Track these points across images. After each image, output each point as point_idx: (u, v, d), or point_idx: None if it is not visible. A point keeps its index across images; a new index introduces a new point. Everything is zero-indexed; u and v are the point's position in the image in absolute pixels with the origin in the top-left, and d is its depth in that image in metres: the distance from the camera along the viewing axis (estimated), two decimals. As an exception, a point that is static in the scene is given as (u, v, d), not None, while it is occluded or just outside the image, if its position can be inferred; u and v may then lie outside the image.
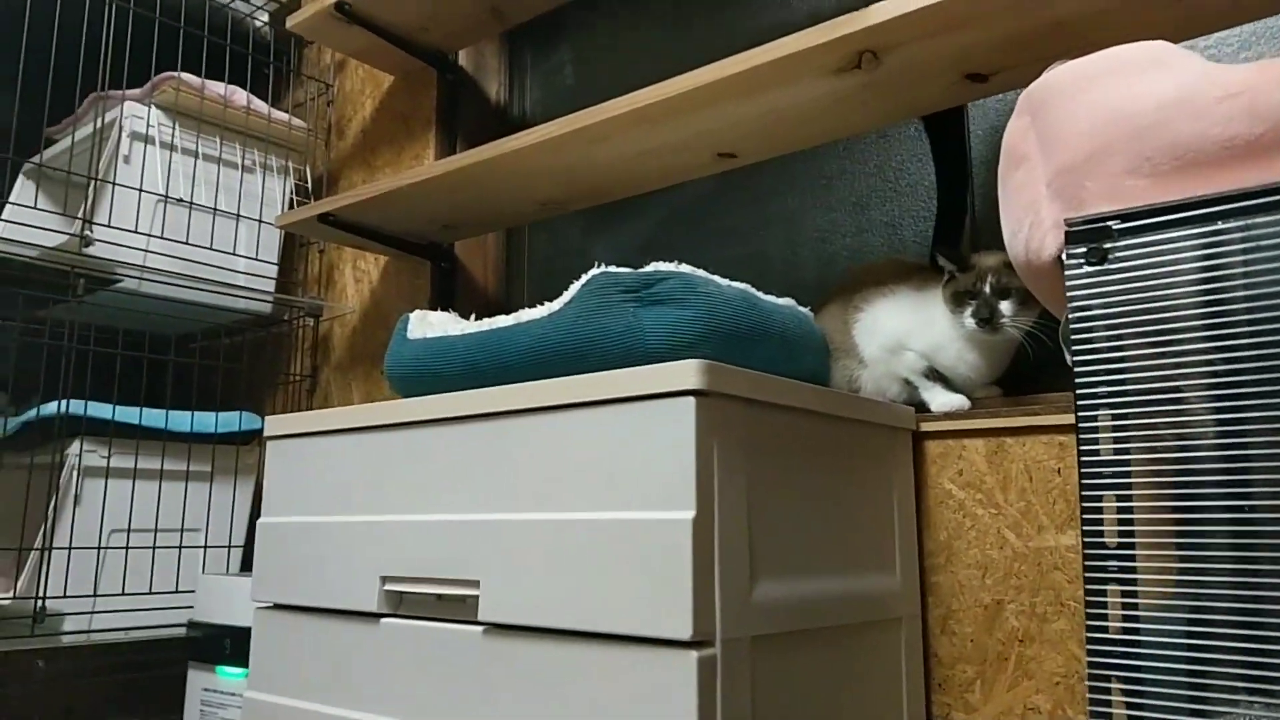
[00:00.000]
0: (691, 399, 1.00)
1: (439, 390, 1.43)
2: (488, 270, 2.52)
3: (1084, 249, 0.75)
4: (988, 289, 1.38)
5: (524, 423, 1.17)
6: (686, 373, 1.01)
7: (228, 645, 1.93)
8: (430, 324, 1.55)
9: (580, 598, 1.04)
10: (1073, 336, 0.72)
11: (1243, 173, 0.72)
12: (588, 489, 1.08)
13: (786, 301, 1.45)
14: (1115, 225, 0.74)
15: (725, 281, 1.34)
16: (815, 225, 1.97)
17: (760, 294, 1.39)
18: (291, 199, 2.68)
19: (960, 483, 1.44)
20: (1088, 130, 0.81)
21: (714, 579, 0.98)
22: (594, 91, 2.44)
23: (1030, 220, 0.90)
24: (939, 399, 1.47)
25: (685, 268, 1.30)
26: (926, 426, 1.47)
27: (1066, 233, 0.76)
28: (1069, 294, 0.75)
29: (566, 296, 1.30)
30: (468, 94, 2.58)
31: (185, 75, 2.36)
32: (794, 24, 1.87)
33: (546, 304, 1.33)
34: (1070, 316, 0.74)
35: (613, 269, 1.28)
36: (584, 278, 1.29)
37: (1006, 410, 1.39)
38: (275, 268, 2.61)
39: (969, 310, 1.39)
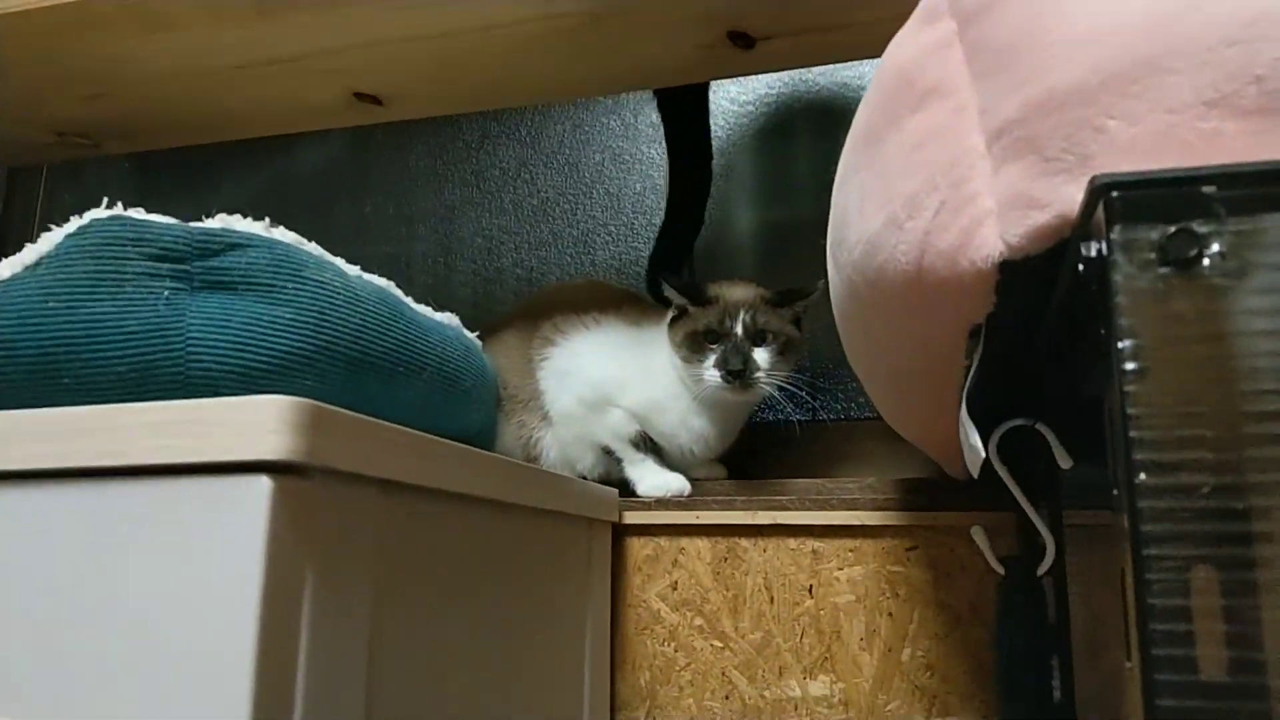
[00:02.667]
0: (265, 480, 0.48)
1: None
2: (-31, 236, 1.72)
3: (1153, 236, 0.37)
4: (739, 330, 1.01)
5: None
6: (259, 419, 0.49)
7: None
8: None
9: None
10: (1131, 399, 0.34)
11: None
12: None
13: (447, 318, 0.97)
14: (1213, 191, 0.37)
15: (353, 269, 0.83)
16: (480, 229, 1.52)
17: (407, 299, 0.90)
18: None
19: (674, 600, 1.04)
20: (1112, 33, 0.45)
21: None
22: None
23: (942, 197, 0.52)
24: (651, 479, 1.07)
25: (283, 233, 0.77)
26: (631, 517, 1.06)
27: (1112, 204, 0.38)
28: (1124, 319, 0.37)
29: (31, 254, 0.70)
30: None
31: None
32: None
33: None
34: (1124, 358, 0.35)
35: (137, 215, 0.71)
36: (74, 223, 0.70)
37: (743, 500, 1.03)
38: None
39: (711, 359, 1.01)
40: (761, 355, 1.01)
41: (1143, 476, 0.33)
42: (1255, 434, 0.34)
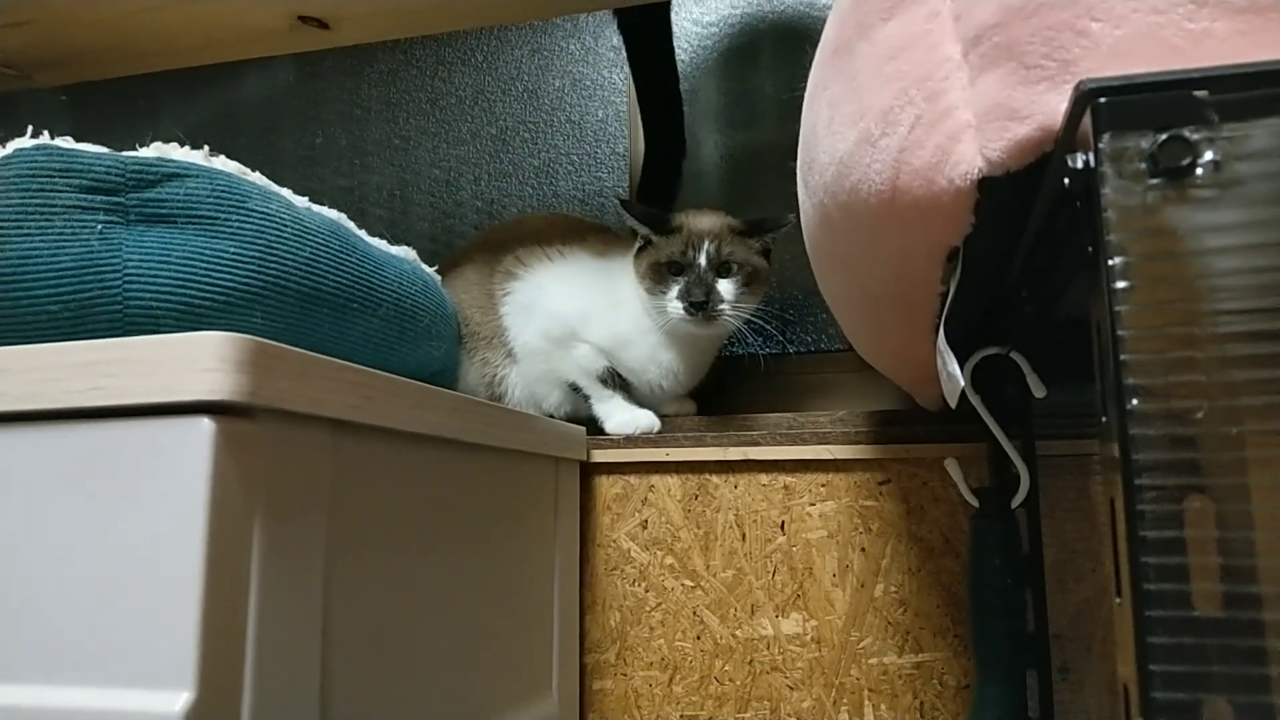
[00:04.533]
0: (205, 422, 0.46)
1: None
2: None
3: (1143, 145, 0.35)
4: (702, 261, 0.99)
5: None
6: (197, 357, 0.46)
7: None
8: None
9: None
10: (1122, 320, 0.32)
11: None
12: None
13: (404, 252, 0.94)
14: (1205, 96, 0.35)
15: (301, 201, 0.79)
16: (437, 160, 1.47)
17: (360, 232, 0.86)
18: None
19: (644, 539, 1.03)
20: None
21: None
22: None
23: (917, 111, 0.50)
24: (619, 415, 1.05)
25: (224, 162, 0.73)
26: (599, 455, 1.04)
27: (1099, 111, 0.36)
28: (1114, 235, 0.35)
29: (-51, 186, 0.65)
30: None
31: None
32: None
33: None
34: (1114, 276, 0.34)
35: (65, 144, 0.67)
36: (-4, 152, 0.66)
37: (713, 436, 1.02)
38: None
39: (675, 290, 0.99)
40: (726, 287, 0.99)
41: (1134, 402, 0.32)
42: (1251, 355, 0.32)
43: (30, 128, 0.69)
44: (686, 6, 1.34)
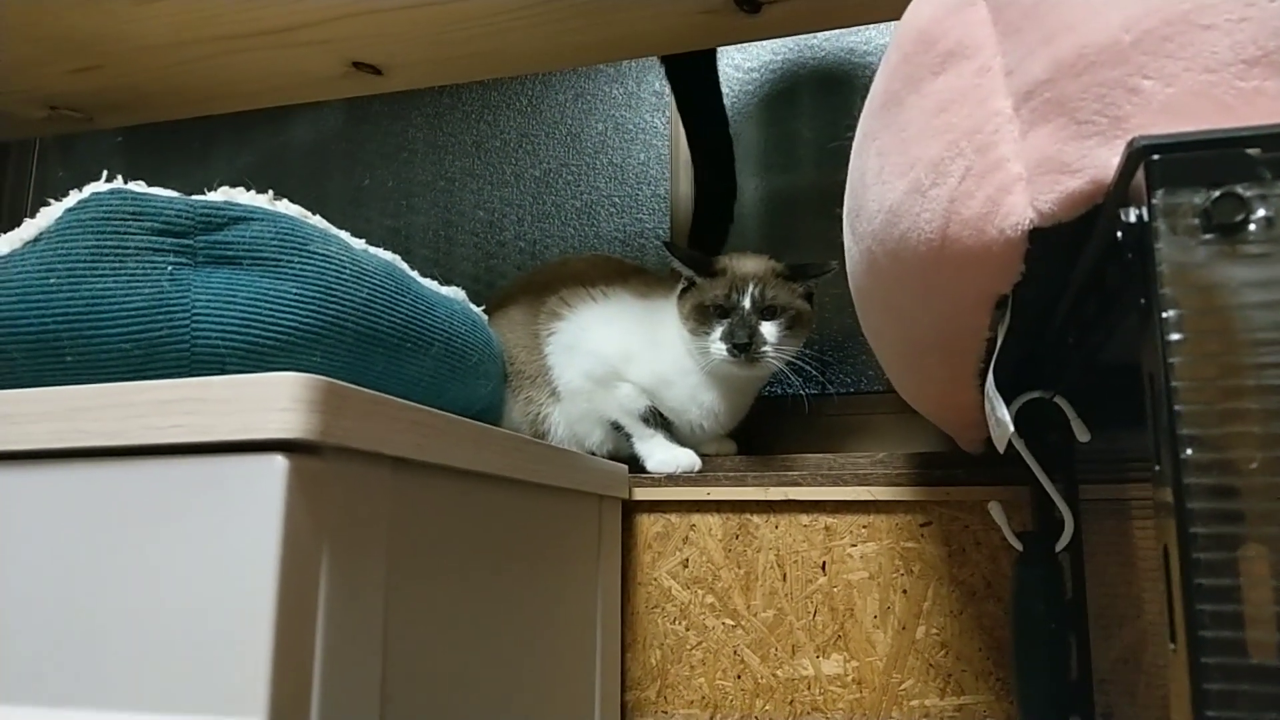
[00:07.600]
0: (279, 460, 0.48)
1: None
2: (-39, 212, 1.70)
3: (1196, 201, 0.36)
4: (747, 304, 1.00)
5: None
6: (272, 397, 0.48)
7: None
8: None
9: None
10: (1175, 372, 0.33)
11: None
12: None
13: (454, 292, 0.96)
14: (1258, 154, 0.37)
15: (359, 243, 0.82)
16: (481, 201, 1.50)
17: (413, 273, 0.89)
18: None
19: (685, 578, 1.04)
20: (1141, -14, 0.43)
21: None
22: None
23: (968, 163, 0.51)
24: (660, 454, 1.07)
25: (287, 206, 0.76)
26: (641, 494, 1.05)
27: (1153, 167, 0.37)
28: (1167, 289, 0.36)
29: (31, 229, 0.69)
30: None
31: None
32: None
33: (-4, 240, 0.71)
34: (1168, 329, 0.35)
35: (138, 188, 0.70)
36: (74, 197, 0.69)
37: (754, 476, 1.03)
38: None
39: (718, 332, 1.00)
40: (769, 329, 1.00)
41: (1189, 452, 0.33)
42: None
43: (105, 172, 0.72)
44: (729, 53, 1.37)
